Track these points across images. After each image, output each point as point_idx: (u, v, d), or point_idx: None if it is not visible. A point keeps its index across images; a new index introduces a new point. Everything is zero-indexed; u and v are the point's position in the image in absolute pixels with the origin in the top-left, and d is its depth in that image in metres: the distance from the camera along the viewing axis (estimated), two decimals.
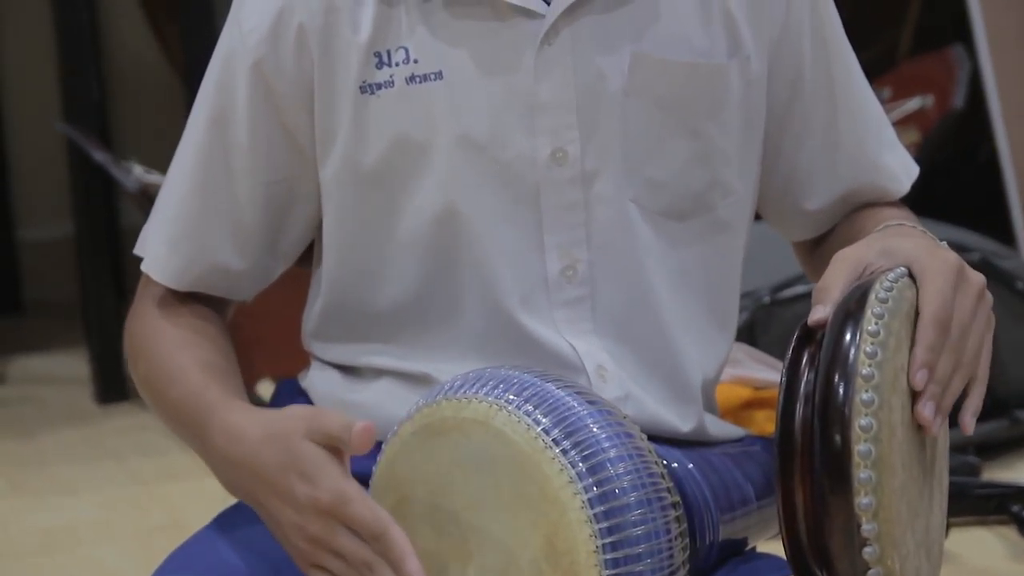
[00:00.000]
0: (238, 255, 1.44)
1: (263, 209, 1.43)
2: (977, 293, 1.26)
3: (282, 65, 1.39)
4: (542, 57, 1.37)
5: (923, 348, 1.22)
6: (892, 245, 1.29)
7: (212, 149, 1.42)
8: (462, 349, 1.39)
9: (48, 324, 3.98)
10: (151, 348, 1.43)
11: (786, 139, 1.47)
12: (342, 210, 1.41)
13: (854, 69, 1.50)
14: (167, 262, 1.44)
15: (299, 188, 1.42)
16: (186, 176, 1.44)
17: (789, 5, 1.44)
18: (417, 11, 1.37)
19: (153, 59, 3.92)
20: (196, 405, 1.37)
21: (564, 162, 1.38)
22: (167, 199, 1.46)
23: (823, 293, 1.26)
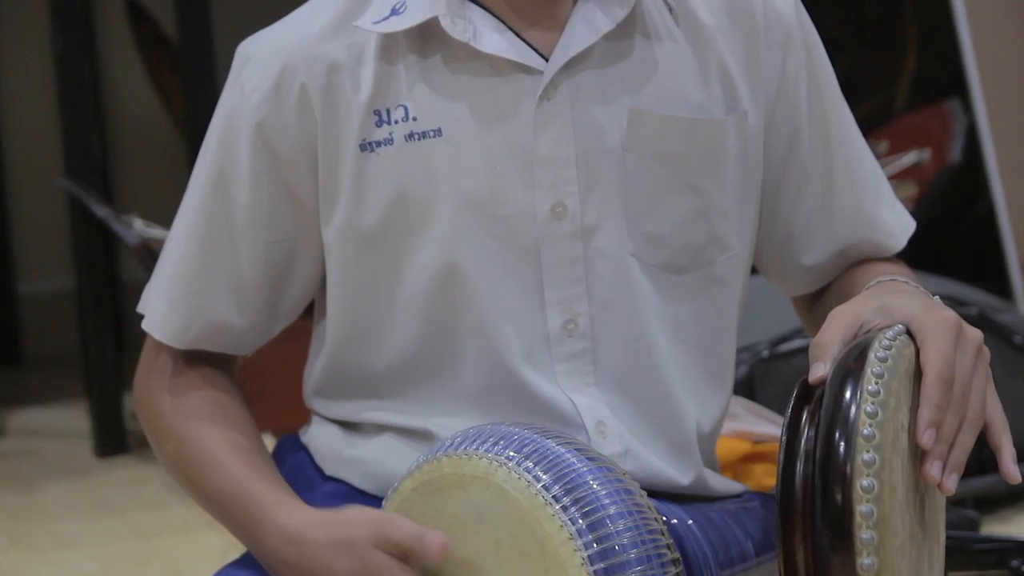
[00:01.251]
0: (239, 314, 1.45)
1: (264, 269, 1.43)
2: (976, 349, 1.27)
3: (285, 126, 1.40)
4: (541, 112, 1.38)
5: (929, 407, 1.22)
6: (888, 302, 1.29)
7: (214, 209, 1.43)
8: (462, 405, 1.40)
9: (48, 377, 3.98)
10: (178, 427, 1.44)
11: (783, 195, 1.48)
12: (344, 269, 1.42)
13: (850, 125, 1.51)
14: (167, 320, 1.45)
15: (301, 248, 1.43)
16: (188, 235, 1.44)
17: (785, 62, 1.45)
18: (417, 69, 1.38)
19: (154, 114, 3.94)
20: (242, 499, 1.38)
21: (564, 217, 1.38)
22: (169, 258, 1.46)
23: (820, 350, 1.26)
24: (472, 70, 1.38)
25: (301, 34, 1.40)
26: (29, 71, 4.00)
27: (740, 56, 1.43)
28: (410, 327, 1.40)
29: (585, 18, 1.38)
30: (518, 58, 1.37)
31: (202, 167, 1.45)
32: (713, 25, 1.42)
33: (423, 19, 1.37)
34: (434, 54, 1.38)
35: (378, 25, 1.38)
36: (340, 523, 1.30)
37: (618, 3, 1.38)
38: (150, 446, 1.49)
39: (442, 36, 1.37)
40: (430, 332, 1.40)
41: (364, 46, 1.39)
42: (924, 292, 1.36)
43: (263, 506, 1.36)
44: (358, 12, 1.40)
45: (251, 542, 1.38)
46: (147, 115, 4.01)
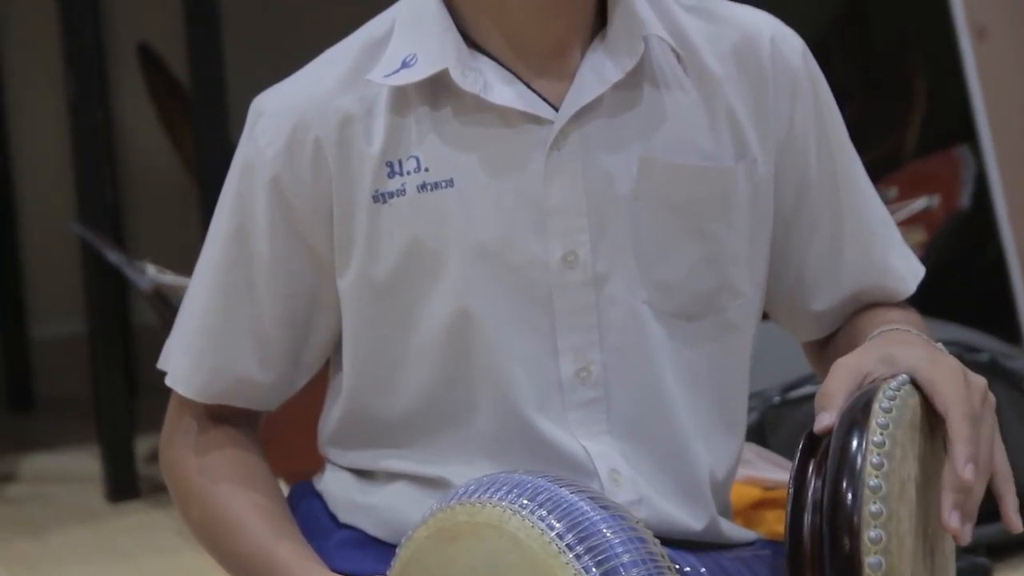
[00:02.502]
0: (261, 367, 1.45)
1: (285, 322, 1.44)
2: (982, 396, 1.28)
3: (300, 180, 1.41)
4: (551, 161, 1.38)
5: (963, 443, 1.23)
6: (893, 352, 1.30)
7: (232, 264, 1.44)
8: (476, 453, 1.40)
9: (59, 421, 3.98)
10: (203, 490, 1.45)
11: (793, 241, 1.48)
12: (358, 319, 1.42)
13: (859, 171, 1.51)
14: (191, 376, 1.46)
15: (320, 299, 1.44)
16: (208, 291, 1.45)
17: (794, 109, 1.46)
18: (428, 120, 1.39)
19: (166, 160, 3.95)
20: (266, 561, 1.39)
21: (575, 265, 1.39)
22: (189, 313, 1.47)
23: (825, 400, 1.27)
24: (483, 121, 1.39)
25: (314, 88, 1.41)
26: (42, 116, 4.02)
27: (749, 104, 1.44)
28: (424, 376, 1.41)
29: (594, 68, 1.39)
30: (528, 109, 1.38)
31: (220, 222, 1.46)
32: (721, 73, 1.43)
33: (434, 72, 1.38)
34: (445, 105, 1.39)
35: (389, 78, 1.39)
36: None
37: (627, 52, 1.39)
38: (162, 491, 1.51)
39: (452, 87, 1.38)
40: (444, 381, 1.41)
41: (376, 99, 1.40)
42: (928, 341, 1.37)
43: (287, 568, 1.37)
44: (369, 65, 1.41)
45: None
46: (159, 160, 4.03)
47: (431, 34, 1.39)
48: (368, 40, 1.43)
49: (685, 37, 1.43)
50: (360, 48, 1.43)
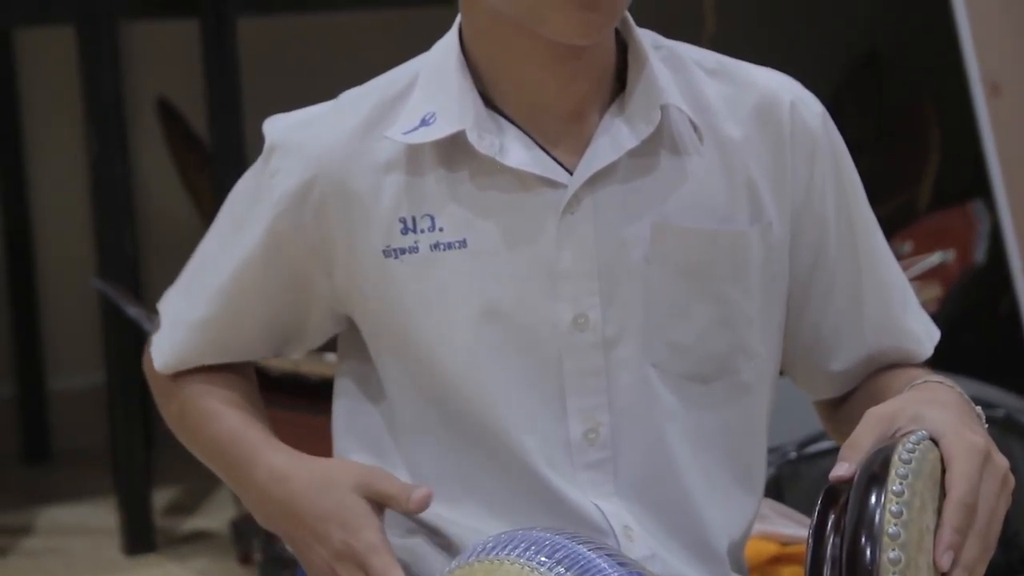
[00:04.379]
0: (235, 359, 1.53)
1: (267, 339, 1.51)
2: (1002, 478, 1.26)
3: (301, 226, 1.43)
4: (564, 225, 1.39)
5: (950, 530, 1.22)
6: (924, 413, 1.29)
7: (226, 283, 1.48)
8: (492, 510, 1.41)
9: (76, 473, 3.99)
10: (183, 389, 1.52)
11: (810, 302, 1.49)
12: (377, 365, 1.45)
13: (876, 233, 1.52)
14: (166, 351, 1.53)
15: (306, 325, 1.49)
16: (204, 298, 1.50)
17: (812, 173, 1.46)
18: (444, 180, 1.40)
19: (184, 212, 3.97)
20: (237, 442, 1.48)
21: (585, 328, 1.40)
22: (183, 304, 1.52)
23: (851, 450, 1.27)
24: (498, 183, 1.39)
25: (329, 136, 1.42)
26: (61, 170, 4.05)
27: (766, 167, 1.44)
28: (437, 435, 1.42)
29: (611, 134, 1.40)
30: (543, 173, 1.39)
31: (224, 219, 1.50)
32: (740, 136, 1.43)
33: (451, 132, 1.39)
34: (461, 166, 1.40)
35: (408, 136, 1.40)
36: (326, 466, 1.42)
37: (644, 120, 1.40)
38: (179, 543, 1.53)
39: (469, 148, 1.39)
40: (458, 439, 1.42)
41: (391, 154, 1.41)
42: (963, 401, 1.36)
43: (254, 446, 1.47)
44: (388, 118, 1.42)
45: (241, 483, 1.48)
46: (177, 213, 4.05)
47: (451, 93, 1.40)
48: (389, 92, 1.43)
49: (705, 101, 1.43)
50: (380, 99, 1.43)
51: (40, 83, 4.03)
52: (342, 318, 1.47)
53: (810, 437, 2.53)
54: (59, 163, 4.04)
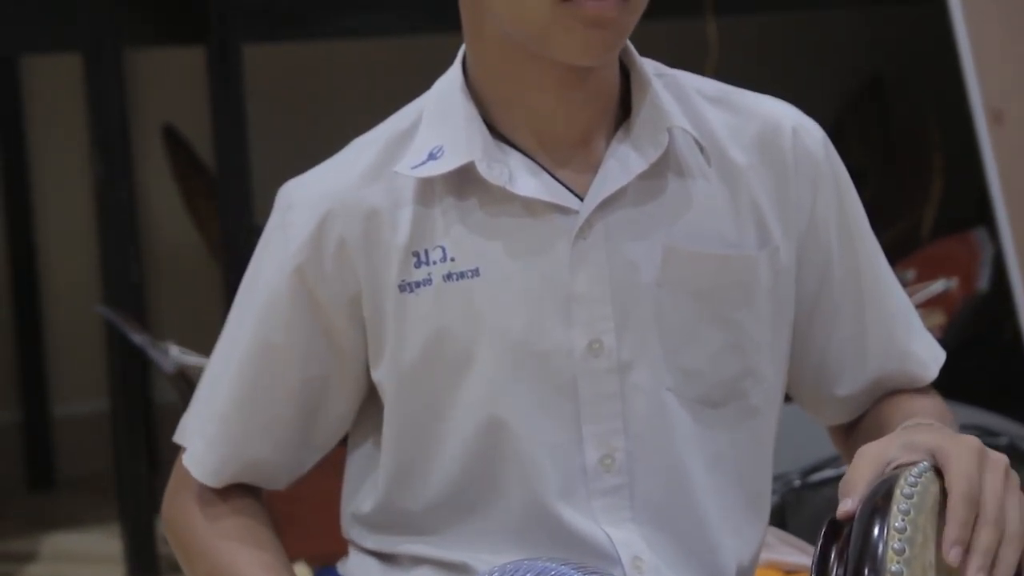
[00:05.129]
0: (272, 450, 1.47)
1: (299, 405, 1.46)
2: (1004, 469, 1.26)
3: (324, 272, 1.42)
4: (577, 251, 1.40)
5: (954, 525, 1.22)
6: (914, 438, 1.30)
7: (253, 352, 1.46)
8: (500, 539, 1.41)
9: (80, 500, 3.99)
10: (210, 548, 1.47)
11: (816, 327, 1.50)
12: (392, 409, 1.44)
13: (879, 257, 1.53)
14: (204, 458, 1.48)
15: (334, 385, 1.45)
16: (227, 377, 1.47)
17: (815, 199, 1.47)
18: (454, 211, 1.41)
19: (189, 240, 3.98)
20: None
21: (600, 353, 1.40)
22: (208, 396, 1.49)
23: (848, 488, 1.27)
24: (508, 211, 1.40)
25: (341, 181, 1.43)
26: (67, 197, 4.05)
27: (771, 193, 1.46)
28: (451, 464, 1.42)
29: (619, 158, 1.41)
30: (553, 199, 1.40)
31: (242, 308, 1.48)
32: (745, 163, 1.45)
33: (460, 164, 1.40)
34: (471, 196, 1.41)
35: (416, 170, 1.41)
36: None
37: (651, 144, 1.41)
38: (181, 570, 1.52)
39: (478, 178, 1.40)
40: (470, 469, 1.42)
41: (402, 190, 1.42)
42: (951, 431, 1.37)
43: None
44: (396, 156, 1.43)
45: None
46: (182, 241, 4.06)
47: (458, 126, 1.41)
48: (395, 132, 1.45)
49: (708, 128, 1.45)
50: (387, 140, 1.45)
51: (46, 110, 4.05)
52: (364, 379, 1.46)
53: (814, 465, 2.54)
54: (65, 189, 4.05)
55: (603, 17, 1.33)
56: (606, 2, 1.32)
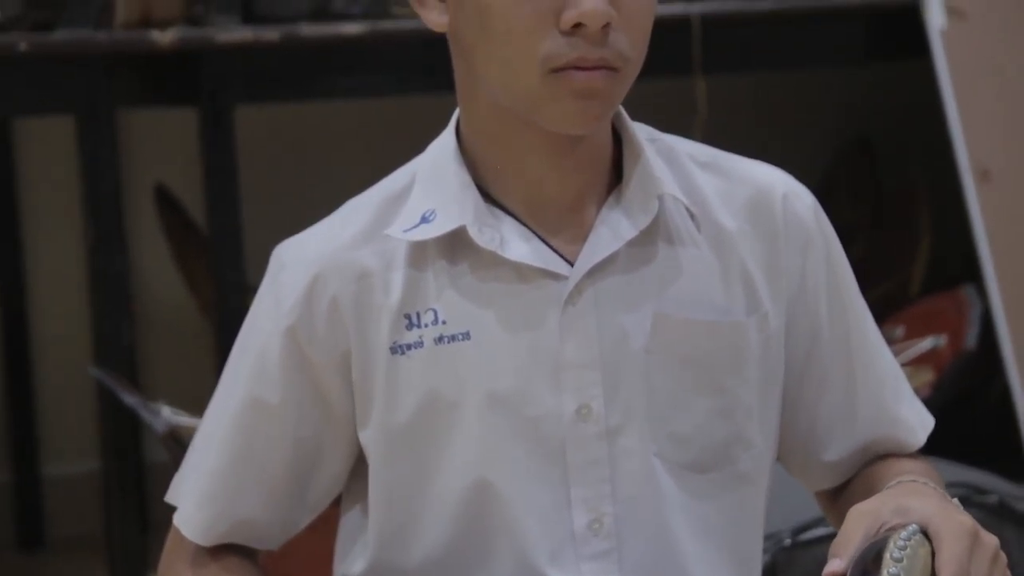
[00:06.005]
0: (265, 510, 1.48)
1: (291, 465, 1.46)
2: (992, 555, 1.28)
3: (315, 332, 1.43)
4: (566, 317, 1.41)
5: None
6: (907, 503, 1.31)
7: (245, 410, 1.46)
8: None
9: (71, 561, 3.97)
10: None
11: (805, 392, 1.50)
12: (379, 471, 1.44)
13: (868, 323, 1.54)
14: (194, 518, 1.48)
15: (328, 446, 1.46)
16: (219, 436, 1.48)
17: (805, 264, 1.48)
18: (446, 274, 1.42)
19: (181, 300, 3.98)
20: None
21: (589, 418, 1.41)
22: (200, 455, 1.49)
23: (839, 547, 1.28)
24: (499, 276, 1.41)
25: (333, 242, 1.45)
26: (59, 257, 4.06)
27: (761, 258, 1.47)
28: (441, 527, 1.43)
29: (610, 225, 1.42)
30: (543, 265, 1.41)
31: (234, 368, 1.48)
32: (735, 229, 1.46)
33: (452, 228, 1.41)
34: (462, 260, 1.42)
35: (408, 233, 1.42)
36: None
37: (642, 210, 1.42)
38: None
39: (470, 242, 1.41)
40: (459, 533, 1.42)
41: (394, 253, 1.43)
42: (943, 494, 1.39)
43: None
44: (389, 219, 1.44)
45: None
46: (174, 301, 4.06)
47: (450, 190, 1.42)
48: (388, 194, 1.46)
49: (699, 194, 1.46)
50: (380, 202, 1.46)
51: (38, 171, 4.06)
52: (357, 440, 1.46)
53: (805, 524, 2.54)
54: (57, 250, 4.06)
55: (592, 88, 1.34)
56: (595, 73, 1.34)
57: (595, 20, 1.33)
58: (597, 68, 1.34)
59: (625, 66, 1.36)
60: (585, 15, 1.33)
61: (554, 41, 1.34)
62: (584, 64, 1.34)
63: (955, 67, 3.36)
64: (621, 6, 1.34)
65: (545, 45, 1.34)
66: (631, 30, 1.35)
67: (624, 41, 1.35)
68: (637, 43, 1.37)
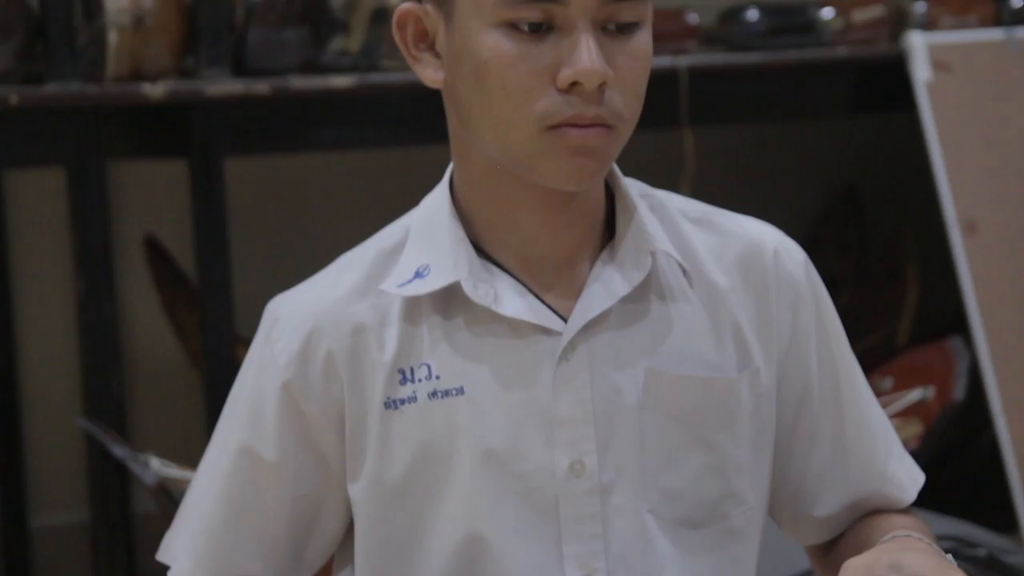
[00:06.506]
0: (263, 567, 1.47)
1: (289, 522, 1.46)
2: None
3: (311, 387, 1.44)
4: (560, 372, 1.41)
5: None
6: (902, 559, 1.32)
7: (241, 466, 1.46)
8: None
9: None
10: None
11: (796, 448, 1.51)
12: (370, 524, 1.44)
13: (859, 379, 1.54)
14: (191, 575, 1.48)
15: (326, 502, 1.46)
16: (214, 491, 1.48)
17: (796, 320, 1.49)
18: (440, 329, 1.43)
19: (170, 352, 3.98)
20: None
21: (582, 474, 1.41)
22: (194, 511, 1.49)
23: None
24: (493, 331, 1.42)
25: (327, 297, 1.45)
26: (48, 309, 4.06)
27: (752, 315, 1.47)
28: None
29: (603, 281, 1.43)
30: (537, 321, 1.41)
31: (229, 424, 1.49)
32: (726, 286, 1.47)
33: (446, 283, 1.42)
34: (456, 315, 1.43)
35: (402, 288, 1.43)
36: None
37: (635, 267, 1.43)
38: None
39: (464, 297, 1.42)
40: None
41: (388, 308, 1.44)
42: (937, 550, 1.39)
43: None
44: (383, 274, 1.45)
45: None
46: (163, 352, 4.06)
47: (444, 246, 1.43)
48: (382, 249, 1.47)
49: (691, 250, 1.47)
50: (374, 256, 1.47)
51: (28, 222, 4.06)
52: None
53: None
54: (46, 301, 4.05)
55: (587, 145, 1.36)
56: (591, 131, 1.35)
57: (591, 79, 1.34)
58: (593, 126, 1.35)
59: (620, 124, 1.37)
60: (581, 74, 1.34)
61: (550, 99, 1.35)
62: (580, 122, 1.35)
63: (941, 119, 3.38)
64: (617, 66, 1.36)
65: (541, 103, 1.35)
66: (626, 89, 1.37)
67: (619, 100, 1.36)
68: (632, 102, 1.38)
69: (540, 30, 1.35)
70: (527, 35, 1.35)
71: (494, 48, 1.35)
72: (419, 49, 1.42)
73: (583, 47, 1.34)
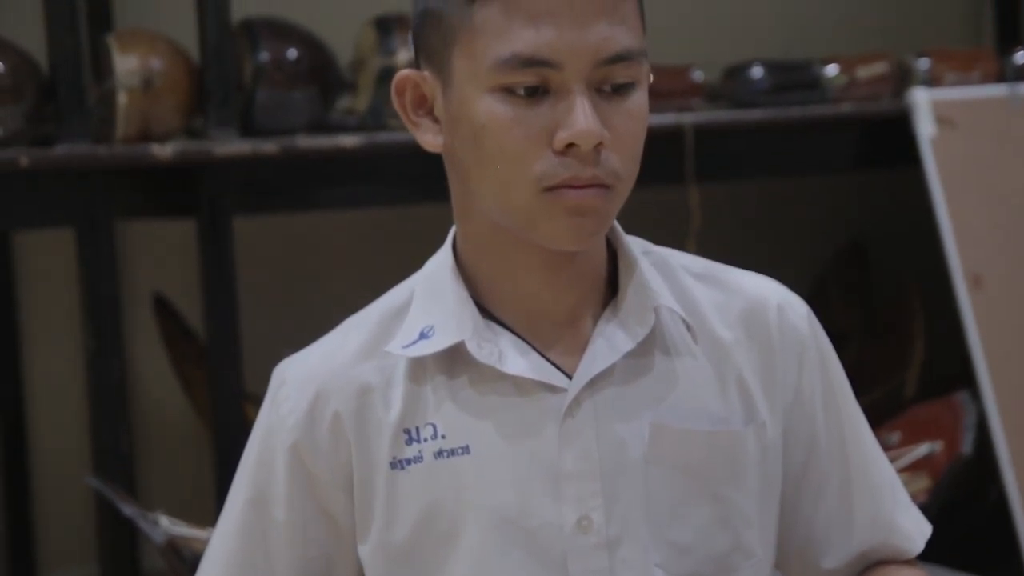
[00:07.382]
0: None
1: None
2: None
3: (319, 448, 1.45)
4: (565, 428, 1.42)
5: None
6: None
7: (251, 530, 1.48)
8: None
9: None
10: None
11: (803, 500, 1.51)
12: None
13: (864, 431, 1.55)
14: None
15: (337, 563, 1.47)
16: (226, 551, 1.49)
17: (800, 373, 1.50)
18: (444, 389, 1.44)
19: (179, 409, 3.99)
20: None
21: (589, 529, 1.42)
22: (207, 573, 1.50)
23: None
24: (498, 390, 1.43)
25: (334, 359, 1.47)
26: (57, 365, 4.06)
27: (757, 369, 1.48)
28: None
29: (607, 337, 1.44)
30: (542, 378, 1.42)
31: (239, 487, 1.50)
32: (730, 340, 1.48)
33: (450, 344, 1.43)
34: (461, 374, 1.44)
35: (407, 349, 1.44)
36: None
37: (638, 322, 1.44)
38: None
39: (468, 356, 1.43)
40: None
41: (394, 369, 1.45)
42: None
43: None
44: (388, 335, 1.46)
45: None
46: (172, 410, 4.07)
47: (448, 305, 1.44)
48: (387, 310, 1.49)
49: (695, 305, 1.48)
50: (379, 318, 1.48)
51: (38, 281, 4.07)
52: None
53: None
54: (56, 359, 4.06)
55: (585, 205, 1.37)
56: (588, 191, 1.37)
57: (587, 140, 1.36)
58: (590, 186, 1.37)
59: (617, 183, 1.39)
60: (577, 136, 1.36)
61: (547, 161, 1.36)
62: (577, 183, 1.37)
63: (945, 174, 3.39)
64: (613, 126, 1.37)
65: (539, 165, 1.37)
66: (623, 149, 1.38)
67: (616, 160, 1.38)
68: (629, 162, 1.39)
69: (536, 94, 1.37)
70: (523, 99, 1.37)
71: (491, 113, 1.37)
72: (418, 115, 1.44)
73: (578, 110, 1.35)
